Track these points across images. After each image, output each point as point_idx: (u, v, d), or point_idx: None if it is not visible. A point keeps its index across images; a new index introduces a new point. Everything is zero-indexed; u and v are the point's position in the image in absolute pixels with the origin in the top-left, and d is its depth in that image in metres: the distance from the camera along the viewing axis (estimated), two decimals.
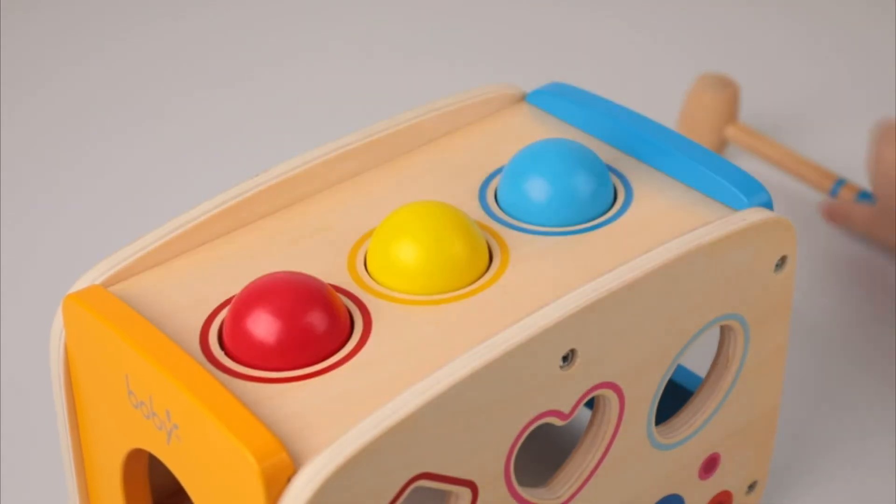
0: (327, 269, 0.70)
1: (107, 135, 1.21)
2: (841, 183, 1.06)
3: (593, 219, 0.73)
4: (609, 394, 0.69)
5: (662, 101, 1.18)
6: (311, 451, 0.60)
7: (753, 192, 0.73)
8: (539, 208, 0.73)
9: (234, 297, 0.67)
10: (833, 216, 1.05)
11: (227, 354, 0.65)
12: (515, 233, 0.72)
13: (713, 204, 0.74)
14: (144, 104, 1.26)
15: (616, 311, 0.67)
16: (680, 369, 0.81)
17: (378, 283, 0.69)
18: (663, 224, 0.72)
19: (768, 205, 0.74)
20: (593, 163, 0.74)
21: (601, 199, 0.73)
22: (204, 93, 1.27)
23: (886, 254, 1.04)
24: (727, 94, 1.11)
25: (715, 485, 0.78)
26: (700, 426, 0.75)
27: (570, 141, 0.75)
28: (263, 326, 0.64)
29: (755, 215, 0.72)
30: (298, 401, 0.63)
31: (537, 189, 0.73)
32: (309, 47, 1.33)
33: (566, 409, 0.68)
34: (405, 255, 0.68)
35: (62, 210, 1.12)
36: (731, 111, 1.12)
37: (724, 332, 0.74)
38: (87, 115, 1.24)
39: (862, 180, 1.08)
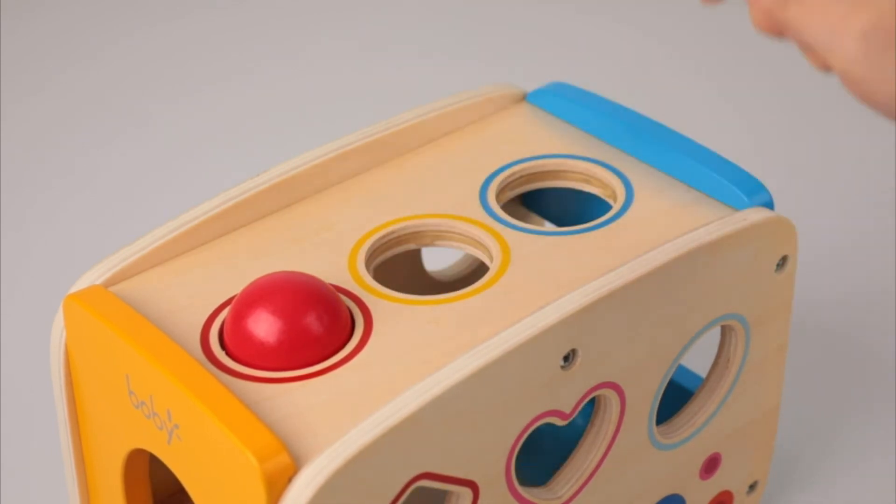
0: (328, 268, 0.70)
1: (107, 135, 1.21)
2: None
3: None
4: (610, 393, 0.69)
5: (662, 101, 1.18)
6: (311, 452, 0.60)
7: (754, 192, 0.73)
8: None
9: (234, 296, 0.67)
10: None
11: (228, 354, 0.65)
12: (516, 232, 0.72)
13: (714, 203, 0.74)
14: (145, 104, 1.26)
15: (617, 310, 0.67)
16: (681, 369, 0.81)
17: None
18: (664, 224, 0.72)
19: (769, 204, 0.74)
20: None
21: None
22: (205, 92, 1.27)
23: (887, 253, 1.04)
24: None
25: (716, 485, 0.78)
26: (701, 426, 0.75)
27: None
28: (264, 326, 0.64)
29: (756, 215, 0.72)
30: (299, 401, 0.62)
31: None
32: (310, 47, 1.33)
33: (567, 409, 0.67)
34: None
35: (62, 210, 1.12)
36: None
37: (725, 331, 0.74)
38: (87, 115, 1.24)
39: None
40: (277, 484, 0.59)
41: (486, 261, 0.71)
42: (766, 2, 0.57)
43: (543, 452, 0.77)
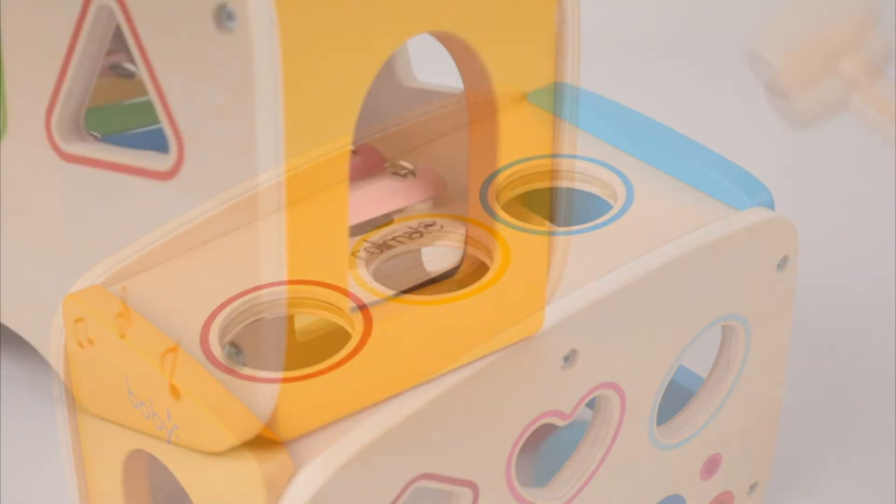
0: (327, 268, 0.70)
1: None
2: None
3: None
4: (610, 394, 0.69)
5: (663, 100, 1.18)
6: (311, 452, 0.60)
7: (755, 192, 0.73)
8: None
9: (234, 296, 0.67)
10: None
11: None
12: (516, 232, 0.72)
13: (714, 203, 0.74)
14: None
15: (617, 311, 0.67)
16: (681, 369, 0.81)
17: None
18: (664, 224, 0.72)
19: (770, 204, 0.73)
20: None
21: None
22: None
23: (887, 253, 1.04)
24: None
25: (716, 485, 0.78)
26: (702, 426, 0.75)
27: None
28: None
29: (757, 215, 0.72)
30: (298, 401, 0.62)
31: None
32: None
33: (567, 410, 0.67)
34: None
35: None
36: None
37: (726, 332, 0.74)
38: None
39: None
40: (277, 484, 0.59)
41: (487, 261, 0.71)
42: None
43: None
